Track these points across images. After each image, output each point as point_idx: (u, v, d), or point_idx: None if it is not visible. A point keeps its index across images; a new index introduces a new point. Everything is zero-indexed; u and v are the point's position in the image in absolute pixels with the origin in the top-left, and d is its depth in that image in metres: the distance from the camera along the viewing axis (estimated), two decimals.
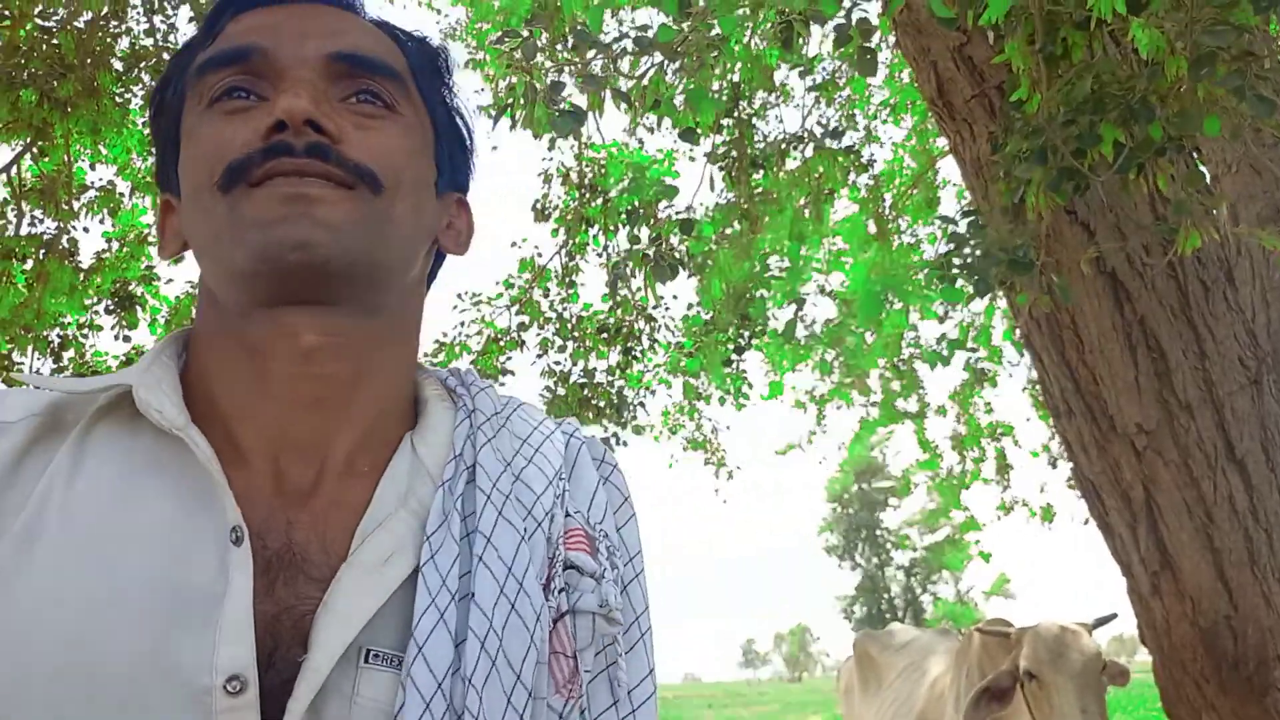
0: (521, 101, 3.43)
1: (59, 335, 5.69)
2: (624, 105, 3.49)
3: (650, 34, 3.21)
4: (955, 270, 2.69)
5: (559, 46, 4.11)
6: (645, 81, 3.69)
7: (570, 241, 6.69)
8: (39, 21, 5.18)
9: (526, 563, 0.76)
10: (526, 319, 7.04)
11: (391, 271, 0.80)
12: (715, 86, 5.52)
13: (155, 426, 0.75)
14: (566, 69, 3.61)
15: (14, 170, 5.37)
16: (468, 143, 0.94)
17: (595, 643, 0.80)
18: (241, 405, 0.78)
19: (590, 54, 3.47)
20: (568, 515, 0.83)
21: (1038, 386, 9.88)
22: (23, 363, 5.50)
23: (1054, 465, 10.73)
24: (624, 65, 3.63)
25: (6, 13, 4.92)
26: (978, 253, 2.68)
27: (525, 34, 3.44)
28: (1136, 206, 3.50)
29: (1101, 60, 2.61)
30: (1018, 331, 7.72)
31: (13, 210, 5.38)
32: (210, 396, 0.79)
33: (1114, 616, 4.42)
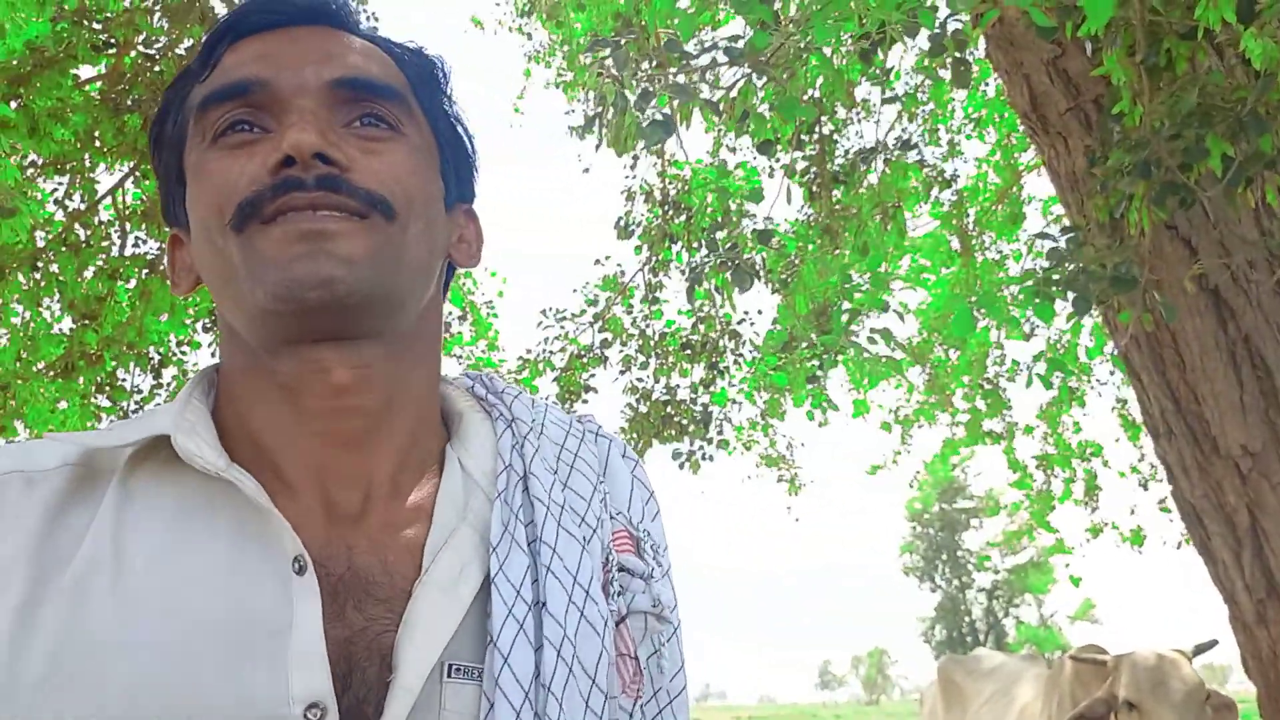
0: (611, 111, 3.44)
1: (158, 352, 5.86)
2: (713, 117, 3.49)
3: (740, 44, 3.19)
4: (1054, 288, 2.63)
5: (645, 64, 4.13)
6: (734, 93, 3.68)
7: (653, 258, 6.71)
8: (142, 49, 5.37)
9: (591, 570, 0.77)
10: (609, 336, 7.07)
11: (409, 296, 0.80)
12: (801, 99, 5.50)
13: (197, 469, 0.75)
14: (654, 82, 3.62)
15: (119, 193, 5.56)
16: (470, 152, 0.92)
17: (645, 639, 0.82)
18: (281, 440, 0.78)
19: (677, 66, 3.47)
20: (611, 518, 0.85)
21: (1127, 406, 9.65)
22: (125, 379, 5.68)
23: (1145, 487, 10.43)
24: (711, 78, 3.63)
25: (112, 41, 5.10)
26: (1076, 269, 2.62)
27: (615, 42, 3.45)
28: (1241, 221, 3.40)
29: (1208, 71, 2.54)
30: (1109, 347, 7.54)
31: (117, 231, 5.58)
32: (249, 432, 0.80)
33: (1215, 643, 4.28)
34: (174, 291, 0.87)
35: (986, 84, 7.33)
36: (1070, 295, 2.60)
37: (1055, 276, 2.61)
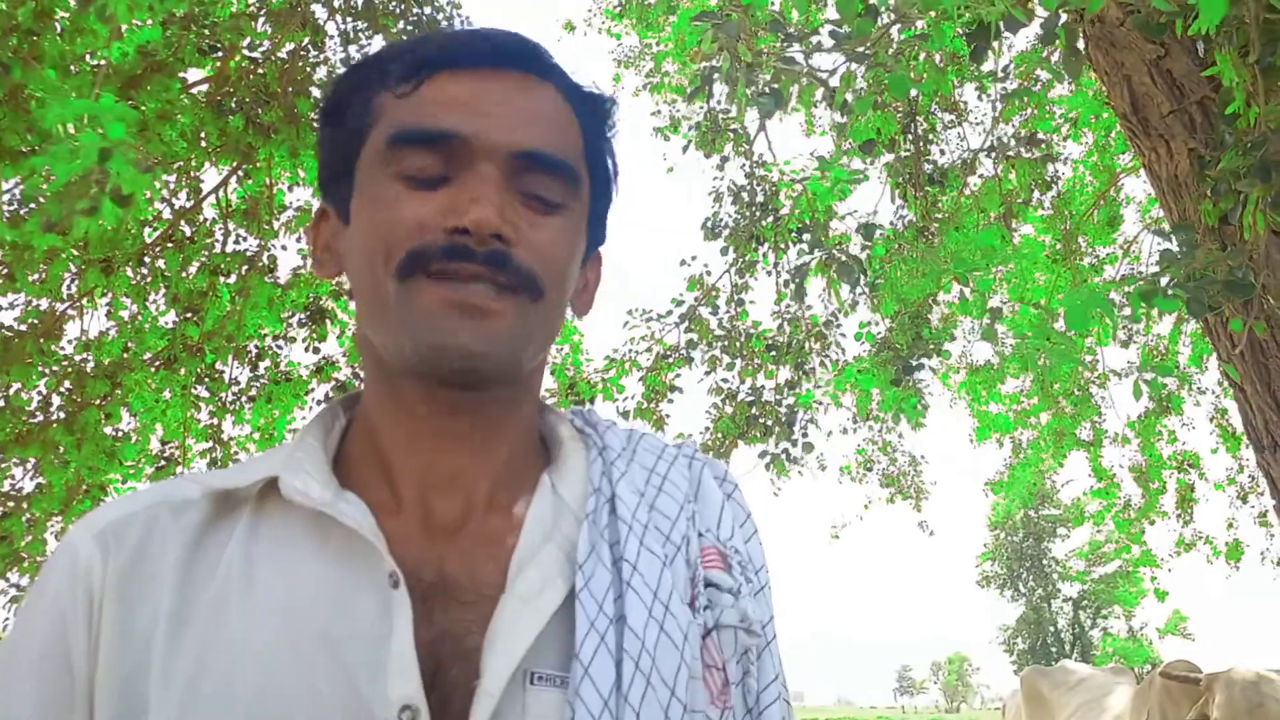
0: (725, 80, 3.43)
1: (256, 346, 6.03)
2: (818, 97, 3.46)
3: (844, 30, 3.15)
4: (1166, 292, 2.56)
5: (750, 40, 4.10)
6: (834, 80, 3.65)
7: (740, 259, 6.69)
8: (246, 53, 5.52)
9: (670, 586, 0.82)
10: (695, 336, 7.06)
11: (536, 356, 0.87)
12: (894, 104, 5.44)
13: None
14: (761, 57, 3.60)
15: (222, 192, 5.72)
16: (613, 196, 0.96)
17: (736, 654, 0.85)
18: (396, 456, 0.86)
19: (774, 44, 3.45)
20: (700, 535, 0.90)
21: (1227, 416, 9.34)
22: (224, 371, 5.85)
23: (1244, 500, 10.08)
24: (812, 62, 3.60)
25: (218, 45, 5.25)
26: (1189, 272, 2.54)
27: (725, 15, 3.43)
28: None
29: None
30: (1211, 357, 7.30)
31: (219, 229, 5.75)
32: (376, 447, 0.88)
33: None
34: (316, 272, 0.94)
35: (1079, 85, 7.17)
36: (1182, 300, 2.53)
37: (1164, 280, 2.55)
